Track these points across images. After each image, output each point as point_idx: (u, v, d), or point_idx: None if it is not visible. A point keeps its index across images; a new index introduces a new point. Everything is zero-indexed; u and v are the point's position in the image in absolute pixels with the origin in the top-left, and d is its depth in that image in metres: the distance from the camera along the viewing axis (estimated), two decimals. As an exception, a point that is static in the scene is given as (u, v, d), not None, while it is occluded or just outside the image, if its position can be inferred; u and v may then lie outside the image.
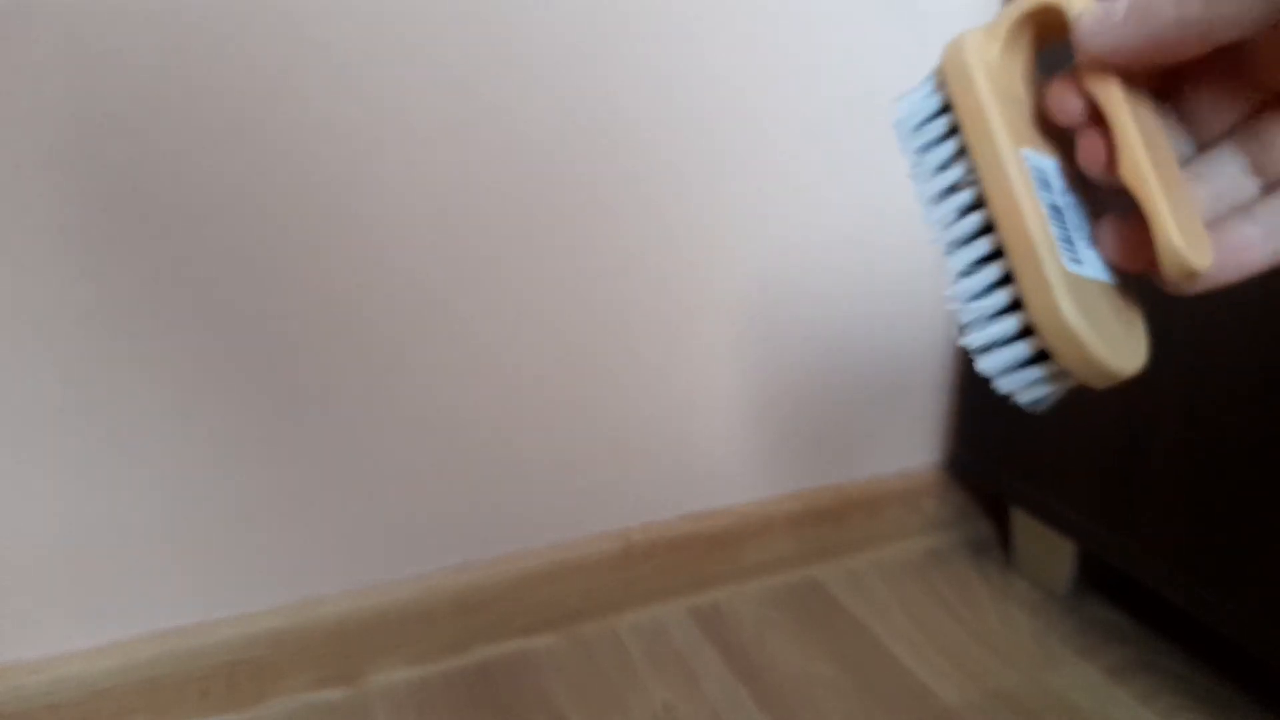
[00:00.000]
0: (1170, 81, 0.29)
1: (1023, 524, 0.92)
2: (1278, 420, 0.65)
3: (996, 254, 0.29)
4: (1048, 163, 0.30)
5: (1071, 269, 0.28)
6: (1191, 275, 0.27)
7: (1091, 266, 0.29)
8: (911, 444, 0.98)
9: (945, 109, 0.30)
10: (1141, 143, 0.27)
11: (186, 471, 0.70)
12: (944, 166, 0.30)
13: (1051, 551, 0.89)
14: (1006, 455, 0.89)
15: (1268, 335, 0.65)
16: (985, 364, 0.29)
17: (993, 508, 1.01)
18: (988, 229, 0.29)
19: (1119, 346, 0.28)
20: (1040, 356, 0.29)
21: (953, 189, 0.30)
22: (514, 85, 0.70)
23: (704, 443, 0.87)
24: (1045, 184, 0.29)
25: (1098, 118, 0.28)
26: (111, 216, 0.63)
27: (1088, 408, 0.79)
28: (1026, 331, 0.28)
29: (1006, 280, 0.29)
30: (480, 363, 0.76)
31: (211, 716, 0.74)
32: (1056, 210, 0.29)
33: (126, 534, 0.70)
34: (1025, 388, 0.29)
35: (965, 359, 0.94)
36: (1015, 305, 0.28)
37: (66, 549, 0.68)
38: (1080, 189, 0.30)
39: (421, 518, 0.78)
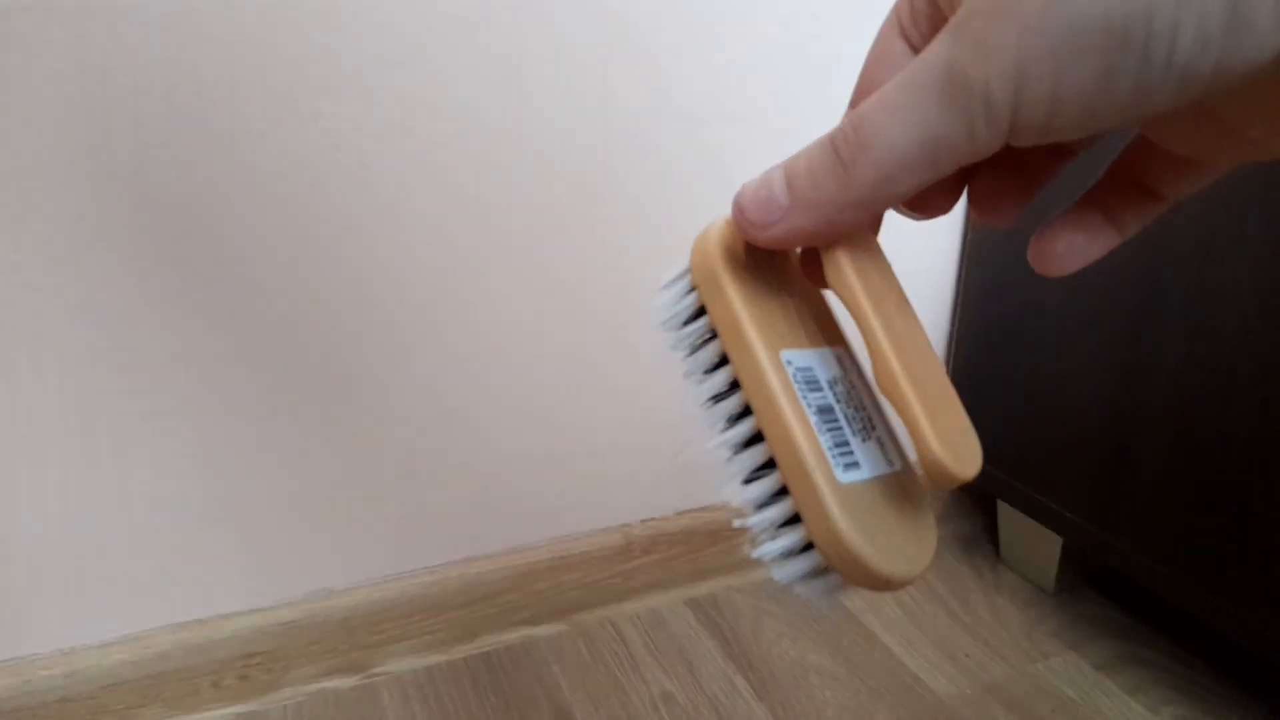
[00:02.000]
0: None
1: (1011, 519, 0.94)
2: (1264, 416, 0.66)
3: (771, 463, 0.27)
4: (816, 356, 0.28)
5: (847, 478, 0.26)
6: (953, 481, 0.25)
7: (869, 465, 0.27)
8: (903, 440, 0.99)
9: (703, 310, 0.28)
10: (893, 352, 0.26)
11: (197, 467, 0.70)
12: (710, 370, 0.28)
13: (1040, 546, 0.91)
14: (995, 451, 0.90)
15: (1256, 332, 0.65)
16: (778, 573, 0.27)
17: (982, 503, 1.02)
18: (759, 437, 0.27)
19: (903, 546, 0.26)
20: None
21: (720, 396, 0.28)
22: (522, 86, 0.71)
23: (703, 444, 0.88)
24: (813, 383, 0.27)
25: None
26: (126, 215, 0.63)
27: (1076, 406, 0.81)
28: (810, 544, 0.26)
29: (785, 491, 0.26)
30: (486, 362, 0.77)
31: (223, 707, 0.75)
32: (827, 411, 0.27)
33: (137, 528, 0.70)
34: (821, 594, 0.27)
35: (955, 359, 0.95)
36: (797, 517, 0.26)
37: (77, 543, 0.69)
38: (853, 366, 0.29)
39: (429, 512, 0.79)
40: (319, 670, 0.77)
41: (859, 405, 0.28)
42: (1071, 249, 0.29)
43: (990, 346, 0.90)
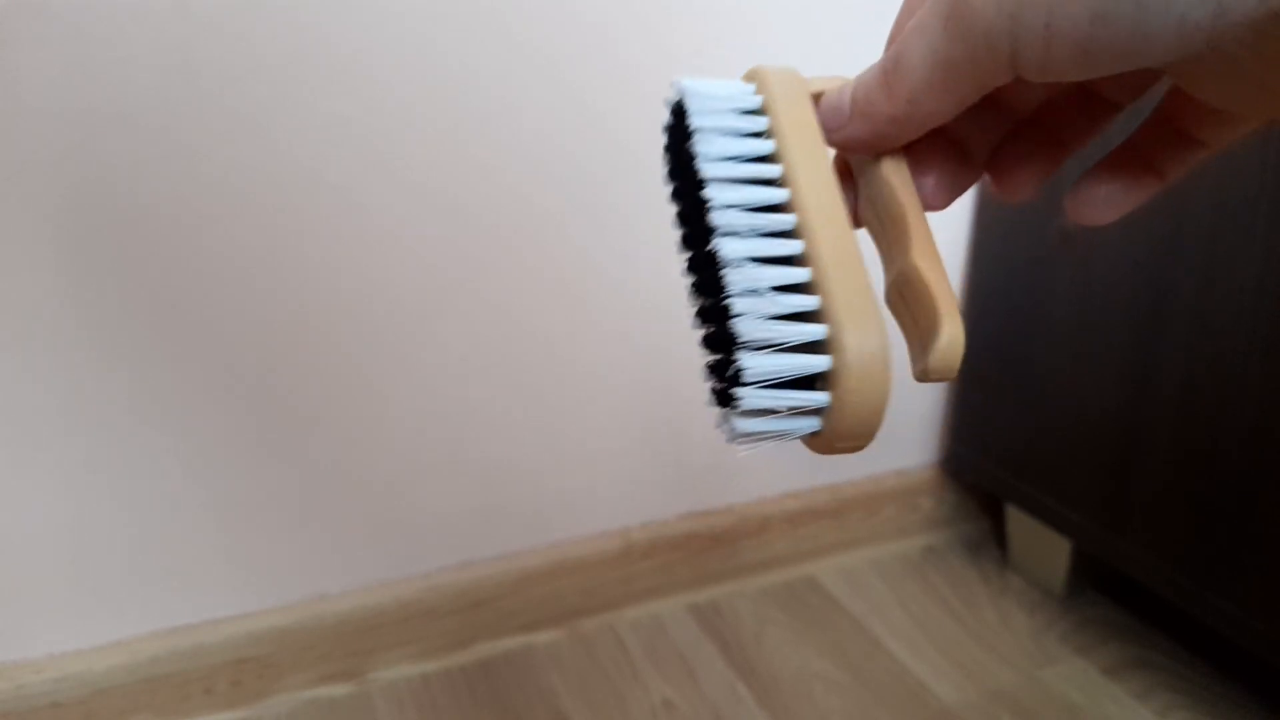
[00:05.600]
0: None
1: (1019, 522, 0.93)
2: (1273, 418, 0.65)
3: (806, 288, 0.25)
4: None
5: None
6: (952, 373, 0.26)
7: None
8: (908, 443, 0.99)
9: (763, 114, 0.28)
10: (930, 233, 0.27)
11: (190, 471, 0.70)
12: (753, 180, 0.27)
13: (1048, 550, 0.90)
14: (1003, 454, 0.90)
15: (1264, 334, 0.65)
16: (747, 400, 0.24)
17: (989, 506, 1.01)
18: (794, 260, 0.26)
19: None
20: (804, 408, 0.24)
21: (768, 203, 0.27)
22: (515, 85, 0.70)
23: (703, 442, 0.87)
24: None
25: None
26: (112, 220, 0.63)
27: (1084, 408, 0.80)
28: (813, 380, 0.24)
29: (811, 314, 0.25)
30: (482, 363, 0.76)
31: (215, 714, 0.74)
32: None
33: (129, 533, 0.70)
34: (757, 439, 0.25)
35: (963, 359, 0.94)
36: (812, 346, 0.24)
37: (69, 548, 0.68)
38: None
39: (423, 516, 0.79)
40: (312, 677, 0.77)
41: None
42: (1112, 197, 0.30)
43: (997, 348, 0.89)
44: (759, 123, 0.28)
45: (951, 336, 0.25)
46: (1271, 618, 0.66)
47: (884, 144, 0.28)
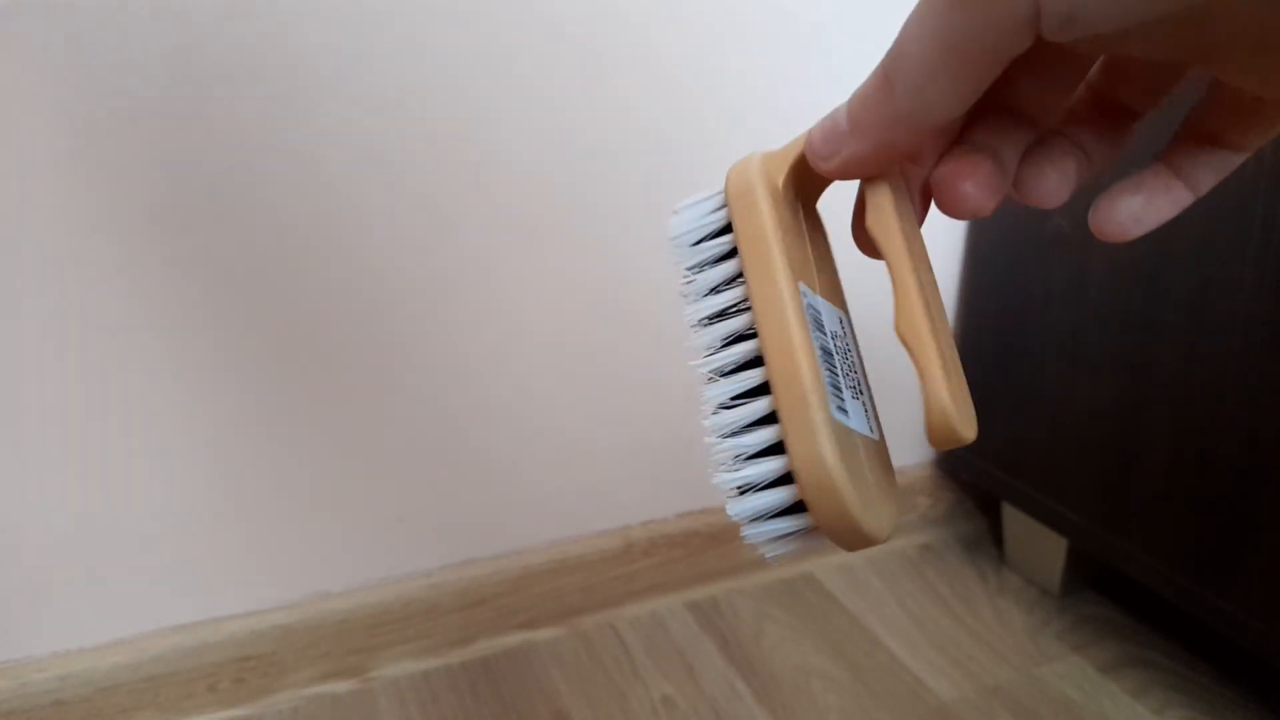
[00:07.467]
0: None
1: (1016, 521, 0.93)
2: (1270, 417, 0.65)
3: (763, 389, 0.26)
4: (824, 304, 0.28)
5: (837, 418, 0.25)
6: (955, 440, 0.24)
7: (856, 419, 0.27)
8: (905, 442, 0.99)
9: (726, 229, 0.28)
10: (921, 301, 0.25)
11: (193, 469, 0.70)
12: (717, 289, 0.28)
13: (1045, 548, 0.90)
14: (1000, 453, 0.90)
15: (1259, 332, 0.65)
16: (734, 508, 0.26)
17: (986, 505, 1.02)
18: (756, 362, 0.26)
19: (873, 506, 0.25)
20: (793, 508, 0.25)
21: (723, 314, 0.28)
22: (510, 92, 0.71)
23: (702, 441, 0.87)
24: (818, 325, 0.27)
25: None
26: (124, 216, 0.63)
27: (1080, 407, 0.80)
28: (785, 478, 0.25)
29: (770, 419, 0.26)
30: (483, 364, 0.76)
31: (219, 711, 0.75)
32: (827, 354, 0.27)
33: (133, 531, 0.70)
34: (770, 540, 0.26)
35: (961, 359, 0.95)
36: (777, 448, 0.25)
37: (73, 546, 0.69)
38: (850, 334, 0.29)
39: (426, 515, 0.79)
40: (315, 674, 0.77)
41: (852, 367, 0.28)
42: (1138, 210, 0.28)
43: (993, 347, 0.90)
44: (723, 244, 0.28)
45: (937, 414, 0.25)
46: (1268, 616, 0.67)
47: (888, 156, 0.26)
